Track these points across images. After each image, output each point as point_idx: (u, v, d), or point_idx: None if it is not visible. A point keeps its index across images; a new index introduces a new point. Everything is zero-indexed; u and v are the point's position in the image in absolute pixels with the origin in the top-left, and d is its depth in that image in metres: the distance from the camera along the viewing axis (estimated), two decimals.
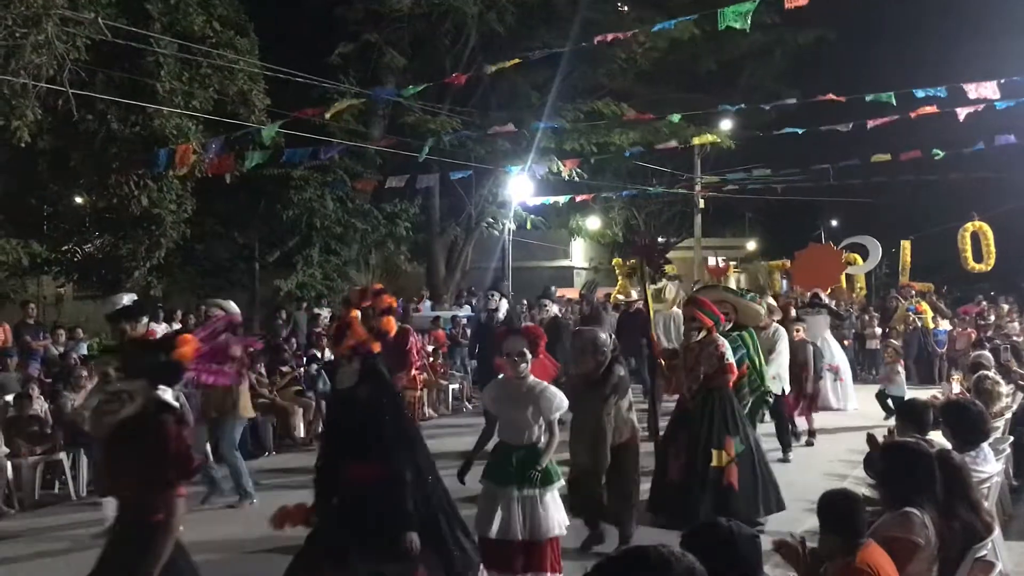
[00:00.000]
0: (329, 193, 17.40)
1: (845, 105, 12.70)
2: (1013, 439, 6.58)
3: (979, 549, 3.82)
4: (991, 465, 5.08)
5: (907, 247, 24.48)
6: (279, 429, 10.69)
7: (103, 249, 14.39)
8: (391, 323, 4.70)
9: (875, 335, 16.66)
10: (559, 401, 5.00)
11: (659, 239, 29.94)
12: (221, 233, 17.38)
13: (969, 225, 22.48)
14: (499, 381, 5.29)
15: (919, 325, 16.51)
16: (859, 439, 9.40)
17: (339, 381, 4.53)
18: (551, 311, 11.25)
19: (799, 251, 19.99)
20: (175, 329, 3.59)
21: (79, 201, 14.77)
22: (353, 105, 14.66)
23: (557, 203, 21.29)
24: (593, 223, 27.11)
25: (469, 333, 15.42)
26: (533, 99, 20.44)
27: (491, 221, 22.92)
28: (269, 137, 12.32)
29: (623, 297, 15.15)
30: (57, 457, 8.38)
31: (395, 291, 16.96)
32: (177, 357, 3.49)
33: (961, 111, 12.01)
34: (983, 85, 11.05)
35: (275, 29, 15.74)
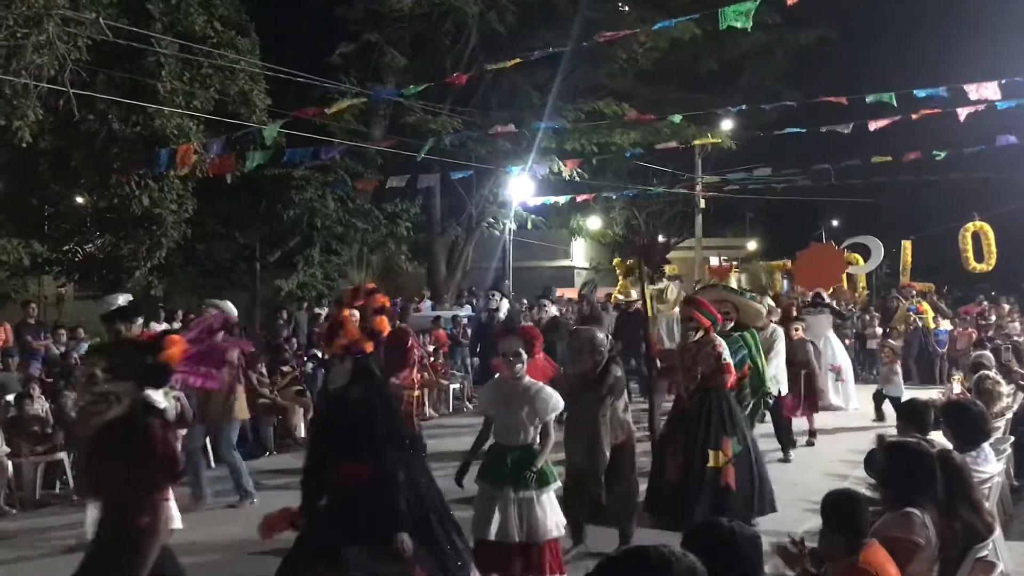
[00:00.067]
0: (330, 193, 17.39)
1: (846, 105, 12.68)
2: (1014, 439, 6.57)
3: (980, 549, 3.82)
4: (992, 465, 5.08)
5: (908, 247, 24.45)
6: (279, 429, 10.71)
7: (104, 249, 14.39)
8: (384, 323, 4.67)
9: (876, 335, 16.65)
10: (555, 402, 4.96)
11: (660, 238, 30.05)
12: (222, 233, 17.37)
13: (970, 225, 22.45)
14: (495, 382, 5.27)
15: (920, 325, 16.49)
16: (859, 439, 9.46)
17: (331, 381, 4.50)
18: (550, 311, 11.25)
19: (800, 251, 19.95)
20: (163, 330, 3.54)
21: (80, 201, 14.77)
22: (354, 105, 14.65)
23: (558, 203, 21.30)
24: (594, 223, 27.12)
25: (470, 333, 15.43)
26: (534, 99, 20.45)
27: (492, 221, 22.92)
28: (271, 137, 12.32)
29: (623, 297, 15.13)
30: (58, 457, 8.40)
31: (395, 291, 17.07)
32: (164, 359, 3.43)
33: (962, 111, 11.99)
34: (984, 85, 11.03)
35: (276, 29, 15.73)
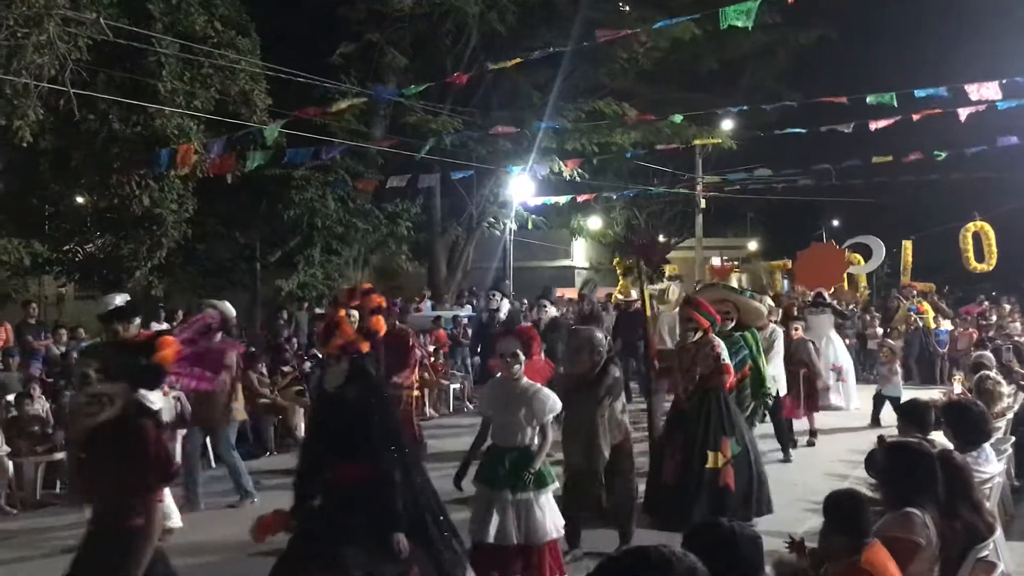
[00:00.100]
0: (330, 193, 17.39)
1: (847, 105, 12.68)
2: (1015, 439, 6.57)
3: (981, 549, 3.82)
4: (993, 465, 5.08)
5: (908, 247, 24.46)
6: (280, 429, 10.70)
7: (104, 249, 14.39)
8: (380, 322, 4.65)
9: (876, 335, 16.64)
10: (552, 403, 4.93)
11: (660, 238, 30.03)
12: (222, 233, 17.37)
13: (971, 225, 22.45)
14: (493, 383, 5.25)
15: (920, 325, 16.48)
16: (860, 439, 9.46)
17: (327, 381, 4.46)
18: (550, 312, 11.23)
19: (801, 251, 19.95)
20: (156, 331, 3.50)
21: (80, 201, 14.77)
22: (355, 105, 14.66)
23: (558, 203, 21.32)
24: (594, 223, 27.11)
25: (470, 333, 15.43)
26: (534, 99, 20.45)
27: (492, 221, 22.92)
28: (272, 136, 12.32)
29: (622, 297, 15.12)
30: (58, 457, 8.38)
31: (395, 291, 17.07)
32: (158, 360, 3.39)
33: (963, 112, 11.97)
34: (985, 85, 11.02)
35: (276, 29, 15.73)
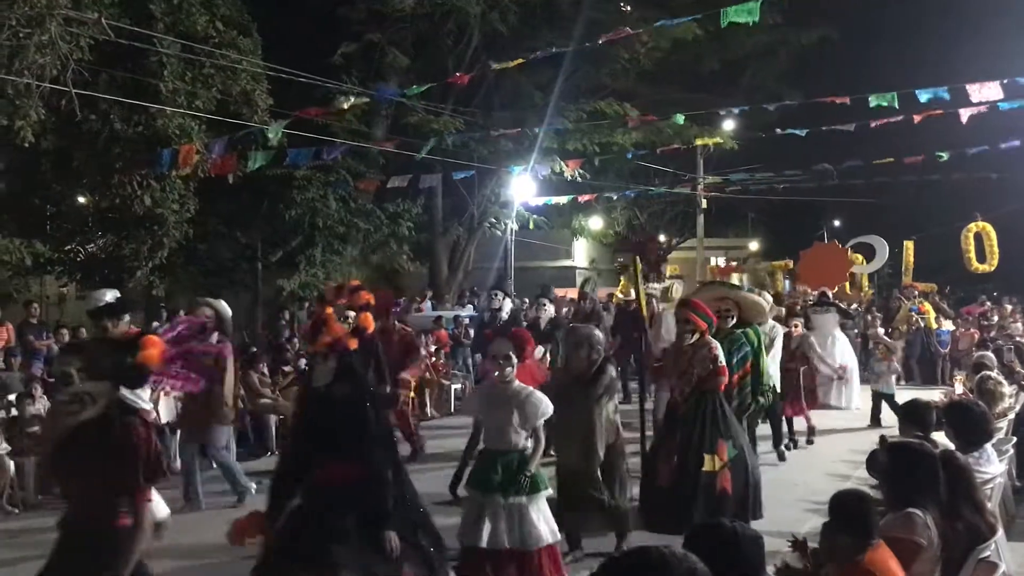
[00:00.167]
0: (332, 193, 17.38)
1: (848, 105, 12.67)
2: (1016, 440, 6.55)
3: (983, 550, 3.81)
4: (994, 466, 5.06)
5: (910, 247, 24.43)
6: (282, 429, 10.69)
7: (106, 249, 14.40)
8: (370, 319, 4.65)
9: (878, 335, 16.60)
10: (544, 407, 4.87)
11: (661, 238, 30.04)
12: (224, 233, 17.37)
13: (972, 225, 22.41)
14: (484, 386, 5.20)
15: (922, 325, 16.45)
16: (861, 439, 9.44)
17: (315, 379, 4.42)
18: (549, 310, 11.21)
19: (804, 250, 19.92)
20: (141, 329, 3.45)
21: (82, 201, 14.78)
22: (357, 105, 14.67)
23: (560, 203, 21.32)
24: (596, 223, 27.13)
25: (472, 333, 15.42)
26: (536, 99, 20.46)
27: (494, 221, 22.93)
28: (276, 136, 12.32)
29: (623, 296, 15.11)
30: None
31: (397, 291, 17.06)
32: (142, 359, 3.34)
33: (964, 112, 11.93)
34: (987, 85, 11.01)
35: (278, 29, 15.74)
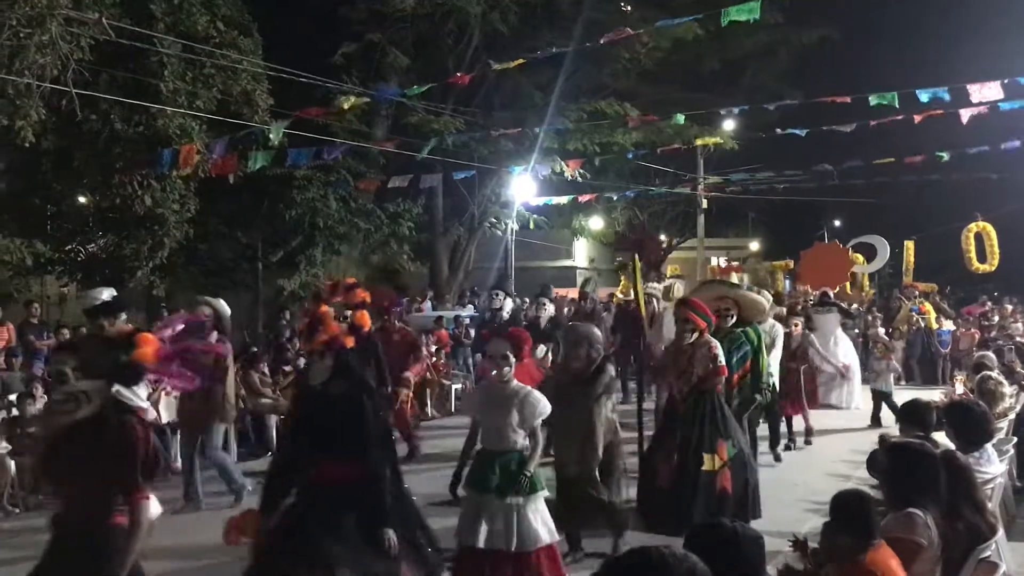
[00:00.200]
0: (332, 193, 17.39)
1: (848, 105, 12.67)
2: (1017, 440, 6.54)
3: (983, 550, 3.81)
4: (995, 466, 5.06)
5: (910, 247, 24.44)
6: (282, 429, 10.68)
7: (107, 249, 14.39)
8: (366, 317, 4.63)
9: (879, 335, 16.60)
10: (543, 406, 4.82)
11: (662, 238, 30.06)
12: (224, 233, 17.37)
13: (973, 226, 22.41)
14: (482, 386, 5.16)
15: (922, 325, 16.45)
16: (861, 439, 9.43)
17: (311, 377, 4.39)
18: (549, 309, 11.19)
19: (805, 250, 19.92)
20: (134, 327, 3.40)
21: (83, 201, 14.77)
22: (357, 105, 14.67)
23: (560, 203, 21.32)
24: (596, 223, 27.14)
25: (472, 333, 15.41)
26: (536, 99, 20.47)
27: (494, 221, 22.93)
28: (277, 136, 12.32)
29: (623, 296, 15.11)
30: None
31: (399, 291, 17.06)
32: (137, 357, 3.31)
33: (965, 113, 11.90)
34: (987, 85, 10.99)
35: (278, 29, 15.74)
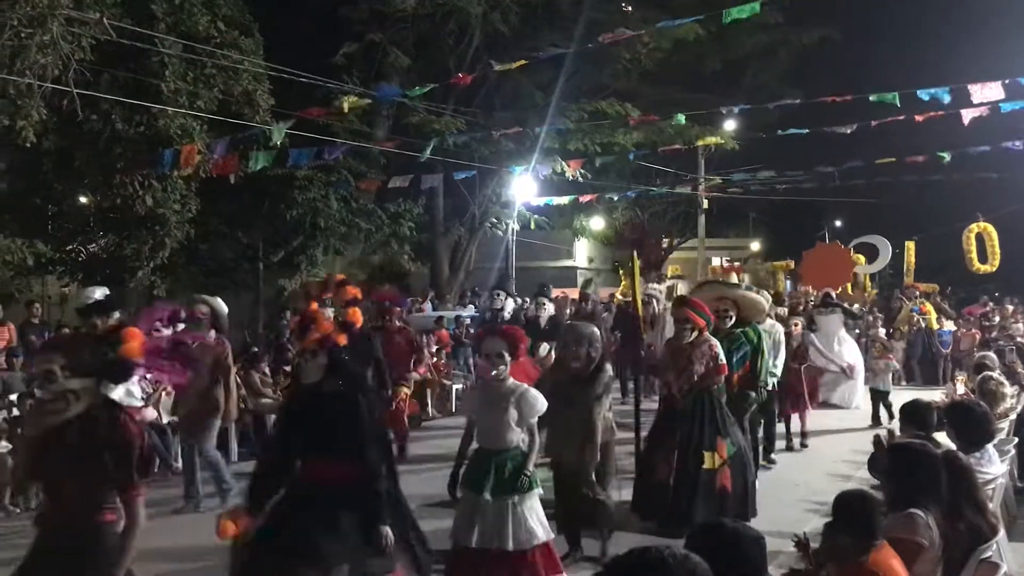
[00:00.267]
0: (333, 193, 17.39)
1: (849, 105, 12.65)
2: (1018, 440, 6.54)
3: (984, 550, 3.81)
4: (996, 466, 5.06)
5: (911, 248, 24.43)
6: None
7: (107, 249, 14.39)
8: (358, 315, 4.60)
9: (879, 336, 16.61)
10: (540, 404, 4.81)
11: (663, 238, 30.05)
12: (225, 233, 17.37)
13: (974, 226, 22.39)
14: (478, 385, 5.15)
15: (923, 326, 16.44)
16: (862, 439, 9.37)
17: (304, 376, 4.36)
18: (549, 309, 11.18)
19: (807, 251, 19.87)
20: (117, 322, 3.33)
21: (84, 201, 14.77)
22: (359, 104, 14.68)
23: (561, 203, 21.32)
24: (597, 223, 27.15)
25: (473, 333, 15.42)
26: (537, 99, 20.48)
27: (495, 221, 22.94)
28: (280, 136, 12.31)
29: (622, 297, 15.13)
30: None
31: (401, 291, 17.06)
32: (124, 353, 3.28)
33: (966, 113, 11.84)
34: (988, 86, 10.97)
35: (279, 29, 15.74)
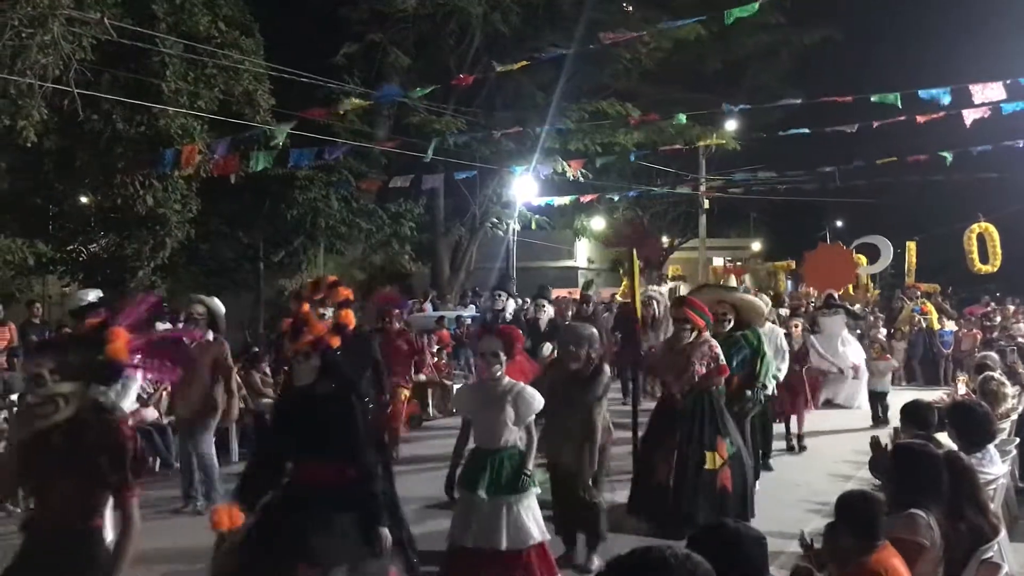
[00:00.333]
0: (334, 193, 17.39)
1: (850, 105, 12.64)
2: (1019, 441, 6.55)
3: (985, 551, 3.81)
4: (997, 467, 5.06)
5: (912, 248, 24.43)
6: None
7: (108, 249, 14.38)
8: (351, 316, 4.58)
9: (880, 336, 16.60)
10: (537, 402, 4.80)
11: (664, 239, 30.05)
12: (226, 233, 17.37)
13: (975, 226, 22.38)
14: (473, 385, 5.13)
15: (924, 326, 16.44)
16: (863, 439, 9.35)
17: (296, 379, 4.35)
18: (549, 311, 11.17)
19: (809, 252, 19.85)
20: (102, 321, 3.28)
21: (84, 201, 14.77)
22: (360, 105, 14.68)
23: (562, 203, 21.31)
24: (598, 223, 27.13)
25: (473, 332, 15.42)
26: (538, 99, 20.48)
27: (495, 221, 22.94)
28: (281, 137, 12.31)
29: (621, 298, 15.12)
30: None
31: (403, 291, 17.07)
32: (111, 354, 3.23)
33: (967, 114, 11.81)
34: (989, 86, 10.96)
35: (280, 29, 15.74)
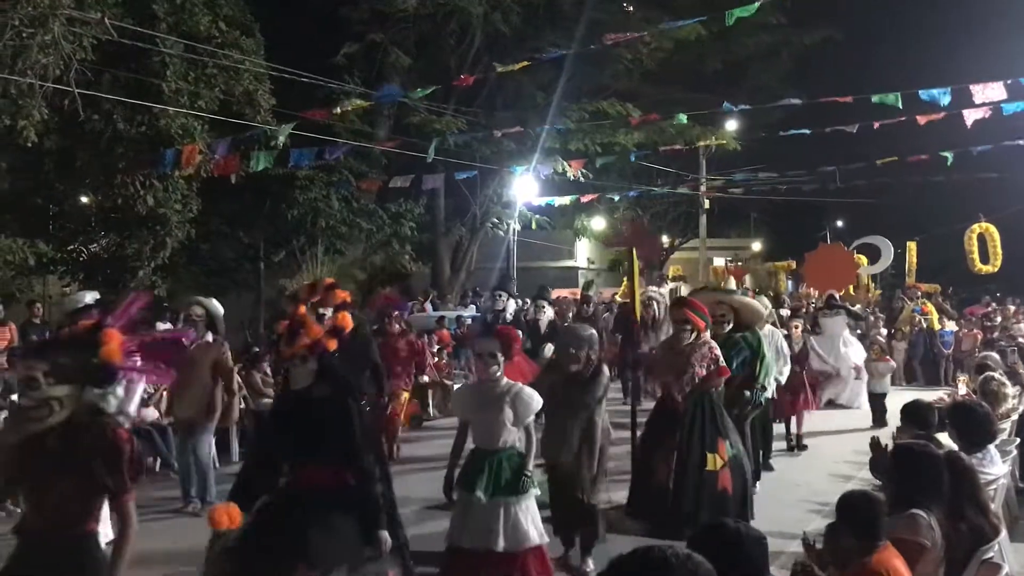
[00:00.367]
0: (334, 193, 17.40)
1: (850, 105, 12.63)
2: (1020, 441, 6.55)
3: (986, 551, 3.81)
4: (997, 467, 5.06)
5: (913, 248, 24.44)
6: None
7: (109, 249, 14.39)
8: (348, 319, 4.58)
9: (881, 336, 16.60)
10: (535, 403, 4.79)
11: (664, 238, 30.04)
12: (226, 233, 17.39)
13: (976, 227, 22.38)
14: (471, 385, 5.13)
15: (925, 326, 16.45)
16: (863, 440, 9.36)
17: (293, 382, 4.33)
18: (548, 312, 11.15)
19: (809, 252, 19.83)
20: (94, 323, 3.25)
21: (85, 201, 14.77)
22: (361, 105, 14.68)
23: (562, 203, 21.31)
24: (598, 223, 27.13)
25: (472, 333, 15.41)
26: (538, 99, 20.48)
27: (496, 221, 22.94)
28: (283, 137, 12.31)
29: (620, 299, 15.13)
30: None
31: (404, 291, 17.07)
32: (105, 356, 3.18)
33: (968, 114, 11.79)
34: (990, 86, 10.95)
35: (280, 29, 15.74)
